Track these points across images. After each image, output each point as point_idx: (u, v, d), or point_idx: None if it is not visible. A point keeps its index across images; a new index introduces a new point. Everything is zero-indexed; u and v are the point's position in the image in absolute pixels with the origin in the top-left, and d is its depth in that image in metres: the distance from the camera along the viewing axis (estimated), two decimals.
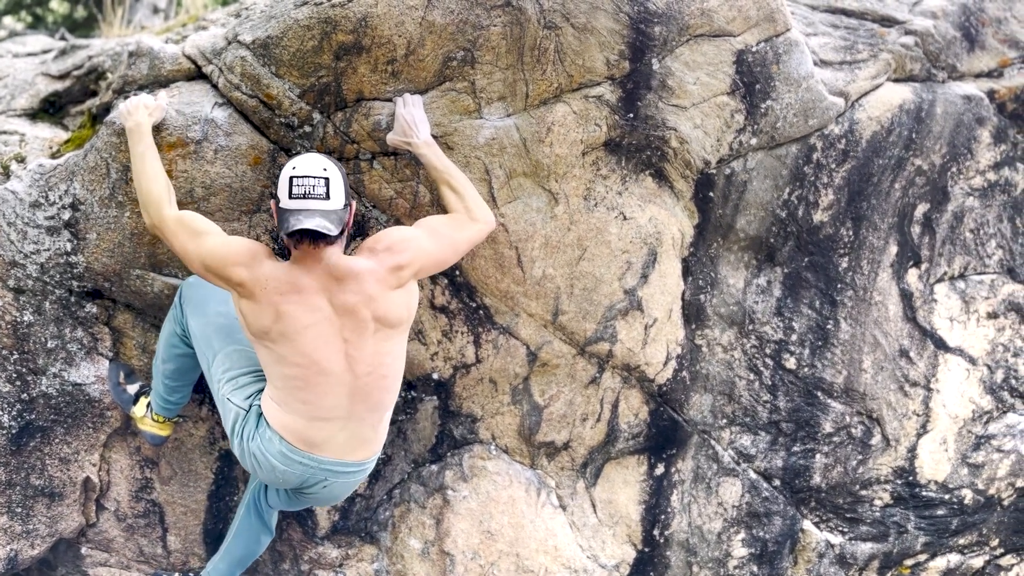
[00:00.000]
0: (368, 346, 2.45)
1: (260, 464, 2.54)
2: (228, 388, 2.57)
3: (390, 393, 2.58)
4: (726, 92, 2.97)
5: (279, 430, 2.48)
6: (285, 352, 2.41)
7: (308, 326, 2.39)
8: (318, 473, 2.54)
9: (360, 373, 2.46)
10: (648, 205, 3.07)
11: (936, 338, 3.54)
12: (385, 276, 2.44)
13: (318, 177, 2.34)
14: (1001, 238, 3.56)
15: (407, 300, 2.52)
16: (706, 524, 3.48)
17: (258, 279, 2.36)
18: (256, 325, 2.40)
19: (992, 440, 3.69)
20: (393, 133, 2.70)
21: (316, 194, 2.33)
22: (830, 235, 3.26)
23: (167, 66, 2.82)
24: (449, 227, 2.62)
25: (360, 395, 2.49)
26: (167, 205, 2.52)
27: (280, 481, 2.59)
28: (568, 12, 2.74)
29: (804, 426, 3.44)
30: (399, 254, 2.47)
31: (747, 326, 3.30)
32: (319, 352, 2.41)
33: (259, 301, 2.37)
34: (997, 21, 3.47)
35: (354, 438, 2.55)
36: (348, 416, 2.50)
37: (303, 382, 2.43)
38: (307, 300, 2.38)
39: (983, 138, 3.41)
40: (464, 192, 2.68)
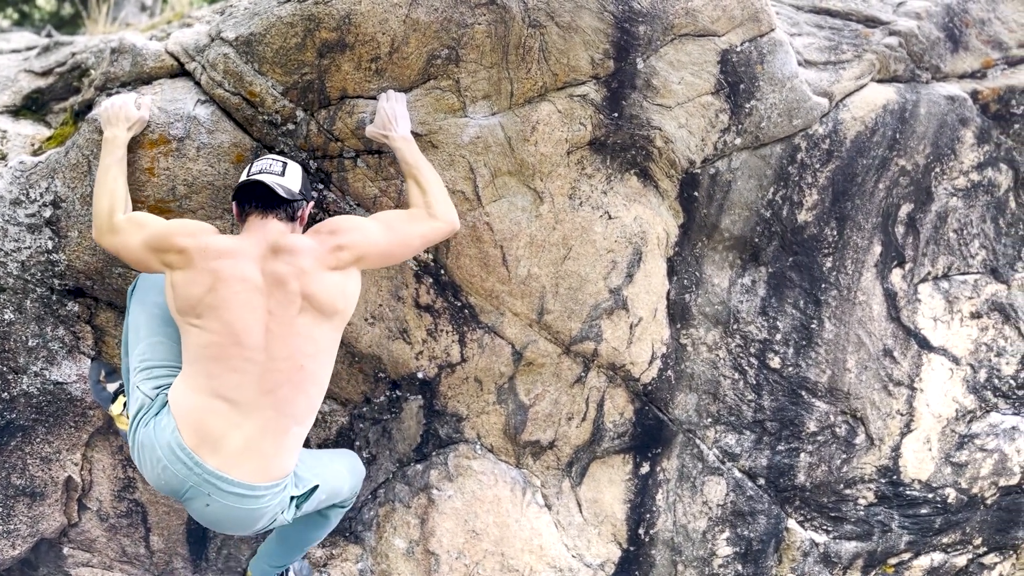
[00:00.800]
0: (292, 325, 2.37)
1: (146, 456, 2.36)
2: (141, 376, 2.47)
3: (304, 397, 2.41)
4: (711, 92, 2.98)
5: (177, 415, 2.32)
6: (207, 324, 2.34)
7: (236, 292, 2.35)
8: (200, 484, 2.30)
9: (276, 354, 2.35)
10: (633, 204, 3.07)
11: (920, 338, 3.55)
12: (323, 254, 2.42)
13: (276, 160, 2.51)
14: (984, 238, 3.58)
15: (343, 285, 2.45)
16: (691, 523, 3.49)
17: (200, 245, 2.37)
18: (187, 296, 2.35)
19: (975, 439, 3.71)
20: (372, 125, 2.69)
21: (272, 170, 2.48)
22: (814, 235, 3.27)
23: (150, 63, 2.81)
24: (403, 221, 2.58)
25: (270, 381, 2.34)
26: (119, 212, 2.52)
27: (162, 482, 2.36)
28: (553, 11, 2.74)
29: (788, 425, 3.45)
30: (342, 235, 2.46)
31: (732, 325, 3.31)
32: (241, 321, 2.33)
33: (195, 267, 2.35)
34: (980, 22, 3.49)
35: (250, 446, 2.33)
36: (251, 406, 2.33)
37: (217, 352, 2.33)
38: (240, 266, 2.37)
39: (966, 139, 3.43)
40: (428, 188, 2.62)
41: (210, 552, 3.23)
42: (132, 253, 2.46)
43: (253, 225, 2.45)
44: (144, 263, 2.46)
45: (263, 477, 2.34)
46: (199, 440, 2.30)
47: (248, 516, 2.37)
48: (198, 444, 2.30)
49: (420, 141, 2.79)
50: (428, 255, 2.96)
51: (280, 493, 2.40)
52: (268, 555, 2.91)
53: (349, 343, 3.00)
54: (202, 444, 2.30)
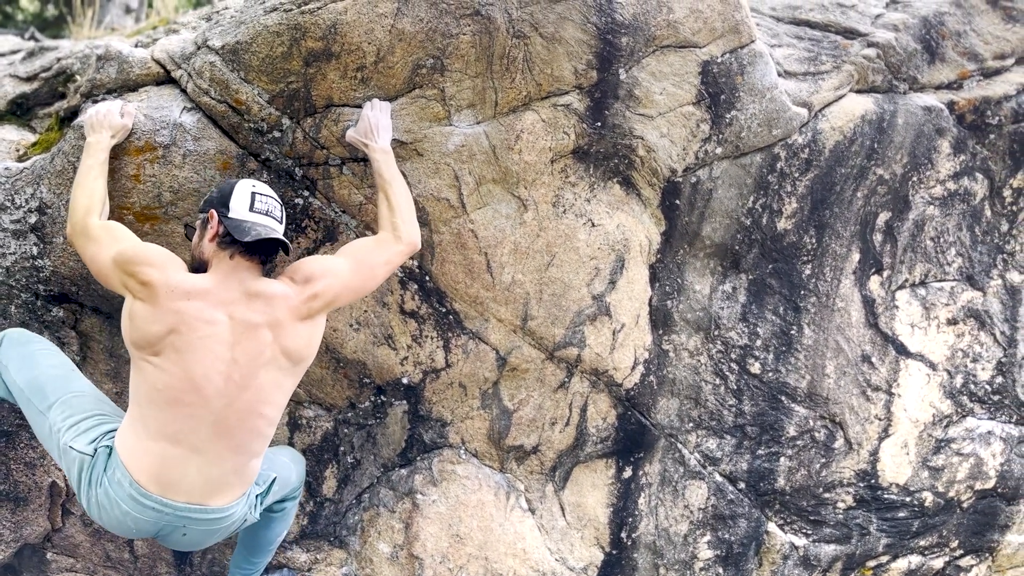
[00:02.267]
0: (255, 375, 2.34)
1: (109, 513, 2.31)
2: (70, 435, 2.35)
3: (260, 438, 2.42)
4: (692, 102, 3.02)
5: (130, 465, 2.27)
6: (165, 365, 2.27)
7: (201, 339, 2.28)
8: (174, 520, 2.32)
9: (234, 402, 2.32)
10: (616, 212, 3.11)
11: (897, 344, 3.61)
12: (297, 305, 2.39)
13: (277, 201, 2.45)
14: (961, 246, 3.64)
15: (311, 335, 2.44)
16: (673, 526, 3.53)
17: (167, 281, 2.29)
18: (145, 333, 2.28)
19: (952, 444, 3.77)
20: (354, 130, 2.70)
21: (275, 215, 2.43)
22: (794, 242, 3.32)
23: (136, 70, 2.82)
24: (372, 253, 2.56)
25: (225, 428, 2.32)
26: (95, 214, 2.47)
27: (133, 531, 2.34)
28: (537, 22, 2.78)
29: (768, 430, 3.50)
30: (316, 283, 2.43)
31: (713, 331, 3.36)
32: (201, 368, 2.27)
33: (160, 305, 2.27)
34: (957, 34, 3.55)
35: (212, 482, 2.34)
36: (205, 451, 2.32)
37: (173, 396, 2.28)
38: (208, 311, 2.29)
39: (943, 148, 3.49)
40: (398, 207, 2.62)
41: (194, 557, 3.24)
42: (98, 266, 2.39)
43: (232, 265, 2.37)
44: (106, 279, 2.39)
45: (231, 499, 2.40)
46: (161, 486, 2.29)
47: (224, 531, 2.46)
48: (162, 489, 2.29)
49: (406, 149, 2.82)
50: (413, 262, 2.98)
51: (247, 500, 2.48)
52: (240, 564, 2.95)
53: (334, 349, 3.02)
54: (165, 488, 2.29)
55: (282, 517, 2.86)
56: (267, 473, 2.58)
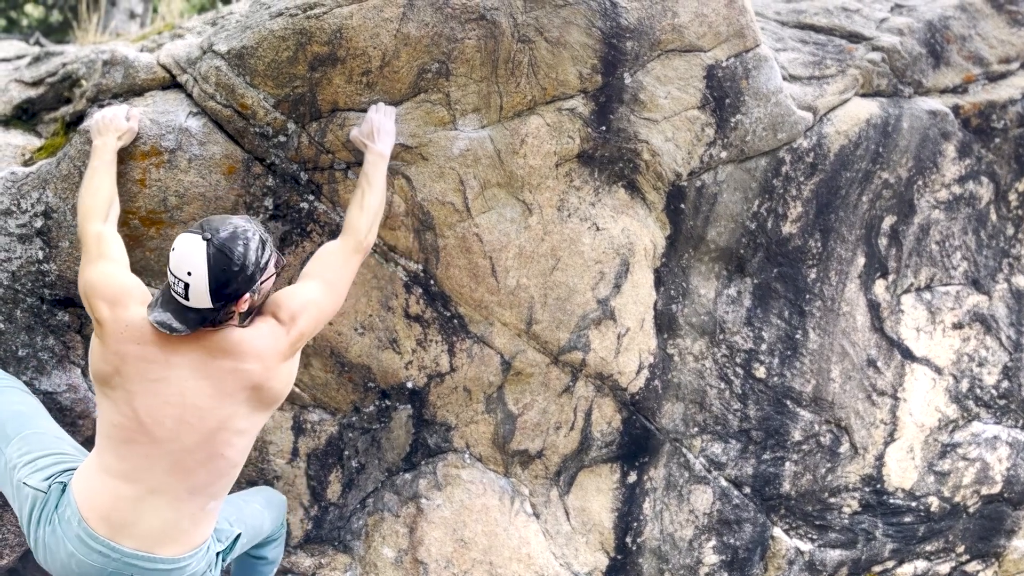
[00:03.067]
0: (217, 419, 2.20)
1: (54, 555, 2.18)
2: (26, 471, 2.24)
3: (223, 478, 2.28)
4: (696, 106, 3.02)
5: (82, 504, 2.15)
6: (118, 404, 2.18)
7: (153, 381, 2.16)
8: (122, 567, 2.15)
9: (191, 446, 2.19)
10: (621, 216, 3.11)
11: (903, 348, 3.60)
12: (285, 349, 2.27)
13: (180, 280, 2.10)
14: (966, 250, 3.64)
15: (290, 372, 2.34)
16: (678, 531, 3.52)
17: (118, 321, 2.17)
18: (99, 369, 2.20)
19: (958, 448, 3.76)
20: (357, 130, 2.70)
21: (177, 290, 2.12)
22: (799, 247, 3.32)
23: (141, 75, 2.82)
24: (342, 271, 2.48)
25: (182, 470, 2.20)
26: (95, 221, 2.41)
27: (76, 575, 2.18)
28: (542, 26, 2.78)
29: (774, 434, 3.49)
30: (300, 321, 2.31)
31: (718, 336, 3.35)
32: (148, 409, 2.16)
33: (107, 345, 2.17)
34: (962, 38, 3.56)
35: (166, 526, 2.19)
36: (160, 491, 2.19)
37: (126, 436, 2.18)
38: (163, 356, 2.16)
39: (948, 152, 3.49)
40: (370, 211, 2.57)
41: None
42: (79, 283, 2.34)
43: None
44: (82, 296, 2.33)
45: (184, 549, 2.24)
46: (111, 528, 2.16)
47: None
48: (111, 532, 2.15)
49: (411, 153, 2.82)
50: (418, 265, 2.98)
51: (204, 556, 2.31)
52: None
53: (339, 353, 3.02)
54: (115, 531, 2.16)
55: (267, 562, 2.78)
56: (229, 530, 2.44)
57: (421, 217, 2.90)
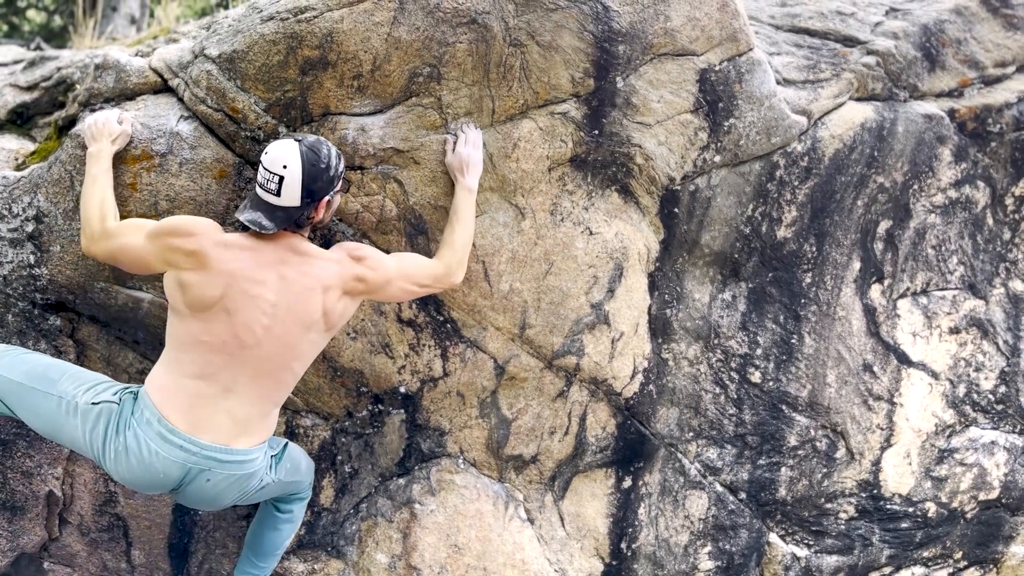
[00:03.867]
0: (292, 332, 2.44)
1: (136, 457, 2.37)
2: (90, 395, 2.42)
3: (284, 388, 2.54)
4: (690, 110, 3.01)
5: (160, 404, 2.36)
6: (213, 318, 2.36)
7: (252, 296, 2.38)
8: (201, 462, 2.39)
9: (270, 353, 2.43)
10: (614, 220, 3.10)
11: (899, 353, 3.59)
12: (345, 278, 2.50)
13: (274, 174, 2.39)
14: (962, 254, 3.62)
15: (345, 309, 2.54)
16: (673, 537, 3.50)
17: (214, 244, 2.37)
18: (200, 297, 2.35)
19: (955, 454, 3.74)
20: (450, 159, 2.81)
21: (269, 187, 2.40)
22: (794, 251, 3.30)
23: (133, 79, 2.82)
24: (418, 273, 2.67)
25: (258, 375, 2.44)
26: (111, 219, 2.52)
27: (160, 475, 2.39)
28: (533, 30, 2.77)
29: (769, 439, 3.48)
30: (367, 269, 2.54)
31: (713, 340, 3.34)
32: (246, 321, 2.38)
33: (211, 269, 2.35)
34: (957, 42, 3.54)
35: (238, 423, 2.45)
36: (235, 392, 2.43)
37: (214, 347, 2.38)
38: (257, 270, 2.39)
39: (944, 156, 3.47)
40: (459, 247, 2.74)
41: (191, 567, 3.22)
42: (132, 254, 2.45)
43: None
44: (143, 263, 2.45)
45: (254, 442, 2.49)
46: (189, 423, 2.37)
47: (245, 481, 2.52)
48: (190, 427, 2.37)
49: (403, 157, 2.82)
50: None
51: (265, 454, 2.57)
52: (245, 568, 2.95)
53: (331, 357, 3.01)
54: (193, 426, 2.37)
55: (289, 519, 2.90)
56: (279, 439, 2.74)
57: (413, 221, 2.89)
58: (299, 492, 2.89)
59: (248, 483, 2.53)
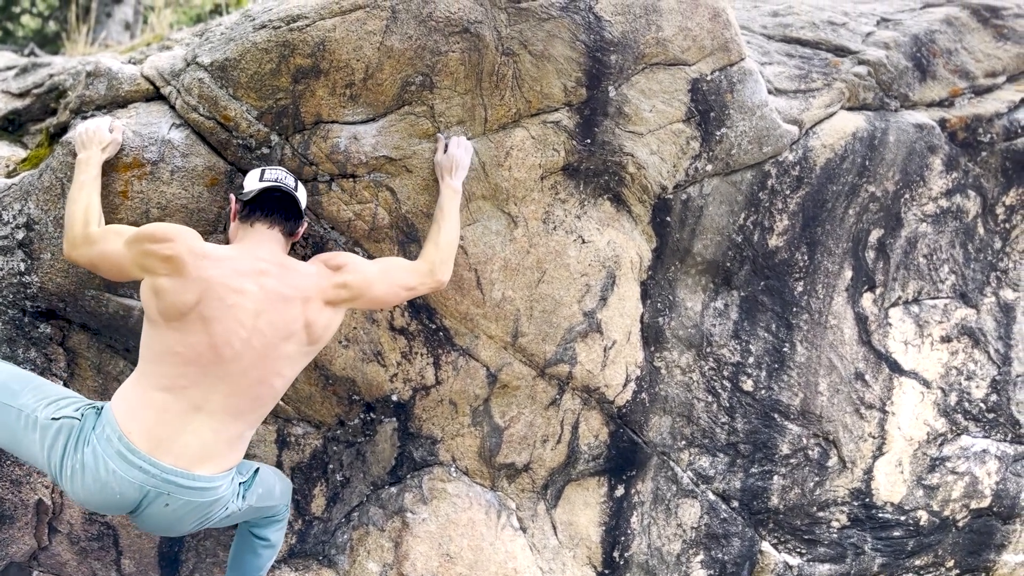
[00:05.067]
0: (275, 346, 2.37)
1: (93, 475, 2.24)
2: (51, 410, 2.31)
3: (262, 407, 2.44)
4: (681, 119, 3.02)
5: (123, 421, 2.24)
6: (189, 329, 2.28)
7: (230, 305, 2.30)
8: (160, 485, 2.25)
9: (248, 370, 2.34)
10: (606, 229, 3.10)
11: (891, 361, 3.59)
12: (326, 288, 2.47)
13: (287, 173, 2.57)
14: (954, 263, 3.63)
15: (330, 321, 2.50)
16: (665, 546, 3.50)
17: (192, 251, 2.31)
18: (174, 304, 2.27)
19: (947, 462, 3.75)
20: (439, 161, 2.81)
21: (286, 182, 2.53)
22: (785, 259, 3.31)
23: (125, 87, 2.82)
24: (403, 275, 2.65)
25: (233, 393, 2.35)
26: (91, 225, 2.48)
27: (117, 496, 2.26)
28: (526, 39, 2.78)
29: (762, 448, 3.48)
30: (346, 274, 2.52)
31: (705, 348, 3.34)
32: (225, 334, 2.30)
33: (187, 276, 2.28)
34: (948, 52, 3.56)
35: (204, 446, 2.32)
36: (206, 410, 2.32)
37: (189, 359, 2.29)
38: (236, 279, 2.33)
39: (935, 166, 3.49)
40: (444, 245, 2.71)
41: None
42: (110, 260, 2.40)
43: (255, 234, 2.47)
44: (120, 270, 2.41)
45: (218, 469, 2.36)
46: (151, 443, 2.25)
47: (206, 509, 2.38)
48: (151, 447, 2.25)
49: (395, 166, 2.82)
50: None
51: (231, 481, 2.44)
52: None
53: (323, 365, 3.00)
54: (155, 446, 2.25)
55: (267, 545, 2.82)
56: (250, 464, 2.60)
57: (405, 229, 2.89)
58: (275, 515, 2.79)
59: (210, 510, 2.39)
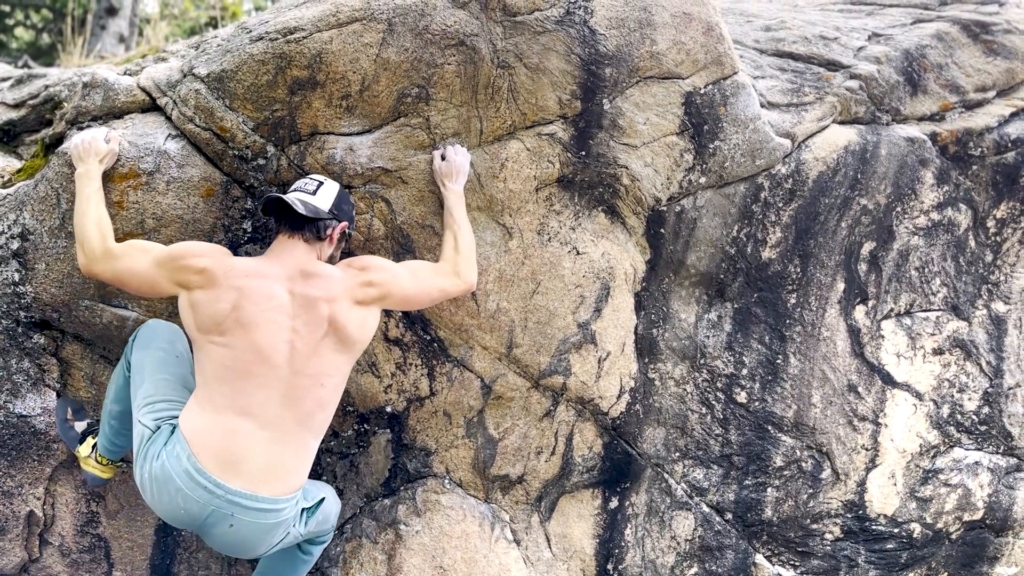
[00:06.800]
0: (316, 347, 2.45)
1: (161, 489, 2.33)
2: (144, 411, 2.46)
3: (324, 411, 2.48)
4: (675, 132, 3.05)
5: (192, 441, 2.32)
6: (233, 341, 2.37)
7: (264, 311, 2.39)
8: (224, 506, 2.32)
9: (301, 371, 2.42)
10: (601, 240, 3.11)
11: (883, 373, 3.61)
12: (352, 287, 2.52)
13: (312, 179, 2.59)
14: (945, 276, 3.66)
15: (365, 320, 2.54)
16: (659, 558, 3.49)
17: (223, 264, 2.42)
18: (211, 315, 2.38)
19: (939, 474, 3.76)
20: (438, 169, 2.82)
21: (305, 188, 2.55)
22: (778, 272, 3.33)
23: (121, 97, 2.83)
24: (431, 273, 2.71)
25: (293, 398, 2.41)
26: (110, 239, 2.53)
27: (180, 511, 2.34)
28: (521, 52, 2.80)
29: (755, 460, 3.48)
30: (371, 272, 2.57)
31: (699, 360, 3.35)
32: (267, 338, 2.38)
33: (220, 286, 2.39)
34: (938, 67, 3.60)
35: (272, 462, 2.38)
36: (274, 423, 2.38)
37: (243, 369, 2.37)
38: (267, 285, 2.42)
39: (926, 179, 3.52)
40: (461, 247, 2.76)
41: None
42: (138, 277, 2.47)
43: (280, 245, 2.53)
44: (151, 286, 2.47)
45: (284, 491, 2.40)
46: (219, 464, 2.32)
47: (270, 531, 2.41)
48: (218, 468, 2.32)
49: (391, 177, 2.83)
50: None
51: (295, 505, 2.48)
52: None
53: None
54: (223, 467, 2.32)
55: (308, 560, 2.84)
56: (316, 492, 2.64)
57: (401, 240, 2.90)
58: (323, 535, 2.83)
59: (274, 532, 2.43)
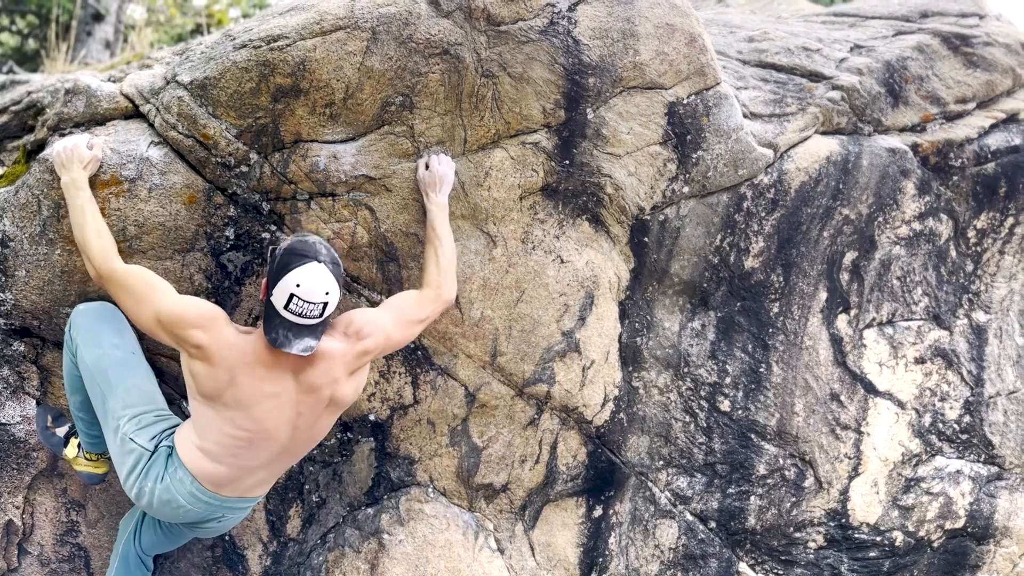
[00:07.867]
0: (317, 422, 2.59)
1: (163, 504, 2.55)
2: (131, 427, 2.53)
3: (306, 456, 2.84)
4: (658, 142, 3.06)
5: (196, 473, 2.51)
6: (234, 416, 2.46)
7: (268, 396, 2.45)
8: (218, 510, 2.61)
9: (298, 439, 2.59)
10: (585, 249, 3.12)
11: (866, 382, 3.63)
12: (350, 360, 2.55)
13: (317, 303, 2.35)
14: (927, 285, 3.69)
15: (359, 382, 2.63)
16: (643, 566, 3.49)
17: (219, 345, 2.40)
18: (209, 388, 2.44)
19: (921, 483, 3.78)
20: (421, 178, 2.81)
21: (311, 315, 2.36)
22: (761, 281, 3.35)
23: (104, 104, 2.82)
24: (415, 310, 2.70)
25: (288, 455, 2.63)
26: (115, 257, 2.52)
27: (178, 518, 2.61)
28: (505, 62, 2.81)
29: (739, 468, 3.49)
30: (367, 339, 2.56)
31: (682, 369, 3.36)
32: (271, 421, 2.48)
33: (216, 366, 2.41)
34: (919, 79, 3.64)
35: (262, 483, 2.67)
36: (268, 467, 2.62)
37: (246, 443, 2.49)
38: (271, 375, 2.44)
39: (908, 189, 3.55)
40: (444, 264, 2.75)
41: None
42: (141, 323, 2.49)
43: None
44: (152, 335, 2.49)
45: (264, 492, 2.76)
46: (218, 486, 2.55)
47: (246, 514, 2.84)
48: (218, 488, 2.55)
49: (374, 185, 2.83)
50: (381, 296, 2.97)
51: None
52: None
53: None
54: (221, 488, 2.56)
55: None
56: None
57: (384, 248, 2.90)
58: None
59: None
